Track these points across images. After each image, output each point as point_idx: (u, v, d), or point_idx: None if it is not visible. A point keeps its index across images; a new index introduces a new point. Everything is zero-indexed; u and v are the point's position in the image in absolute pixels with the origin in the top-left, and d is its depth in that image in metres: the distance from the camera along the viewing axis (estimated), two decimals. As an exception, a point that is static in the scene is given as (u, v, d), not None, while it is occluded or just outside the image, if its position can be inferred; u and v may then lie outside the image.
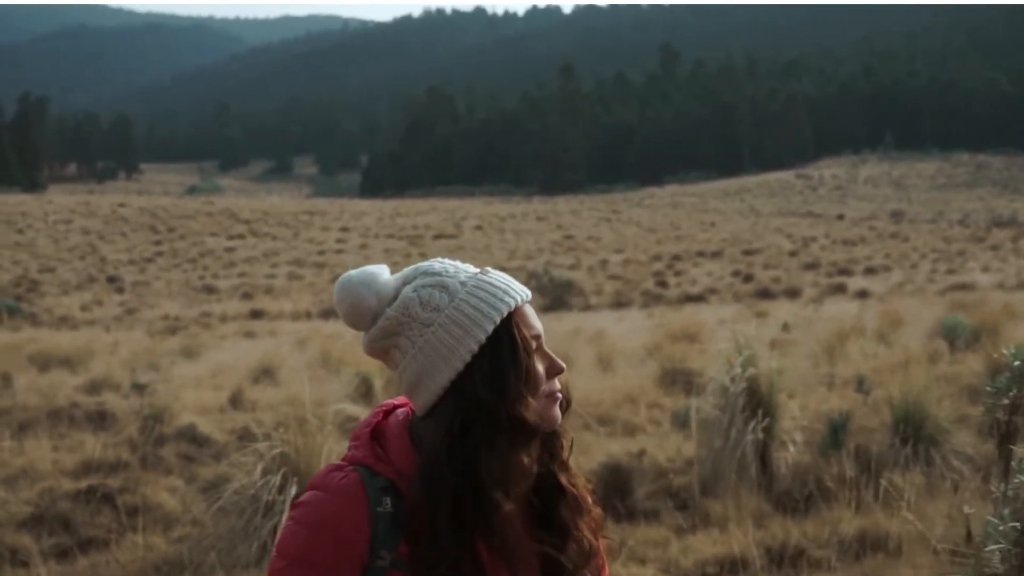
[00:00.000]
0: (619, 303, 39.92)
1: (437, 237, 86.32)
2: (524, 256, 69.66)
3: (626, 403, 12.30)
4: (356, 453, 2.25)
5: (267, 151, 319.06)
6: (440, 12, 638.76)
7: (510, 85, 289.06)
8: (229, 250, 75.26)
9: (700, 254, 68.20)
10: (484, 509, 2.13)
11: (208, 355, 22.38)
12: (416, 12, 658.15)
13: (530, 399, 2.17)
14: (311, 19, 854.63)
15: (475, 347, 2.15)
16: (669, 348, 15.38)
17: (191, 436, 10.40)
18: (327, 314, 37.97)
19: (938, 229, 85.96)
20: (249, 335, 30.11)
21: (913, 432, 7.66)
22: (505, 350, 2.17)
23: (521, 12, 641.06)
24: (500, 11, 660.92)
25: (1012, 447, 3.57)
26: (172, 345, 25.33)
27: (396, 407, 2.34)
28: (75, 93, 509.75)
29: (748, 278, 50.94)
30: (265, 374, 16.35)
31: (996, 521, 3.41)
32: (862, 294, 39.49)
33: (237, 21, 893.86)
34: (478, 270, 2.26)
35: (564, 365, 2.26)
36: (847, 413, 8.55)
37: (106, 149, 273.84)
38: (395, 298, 2.22)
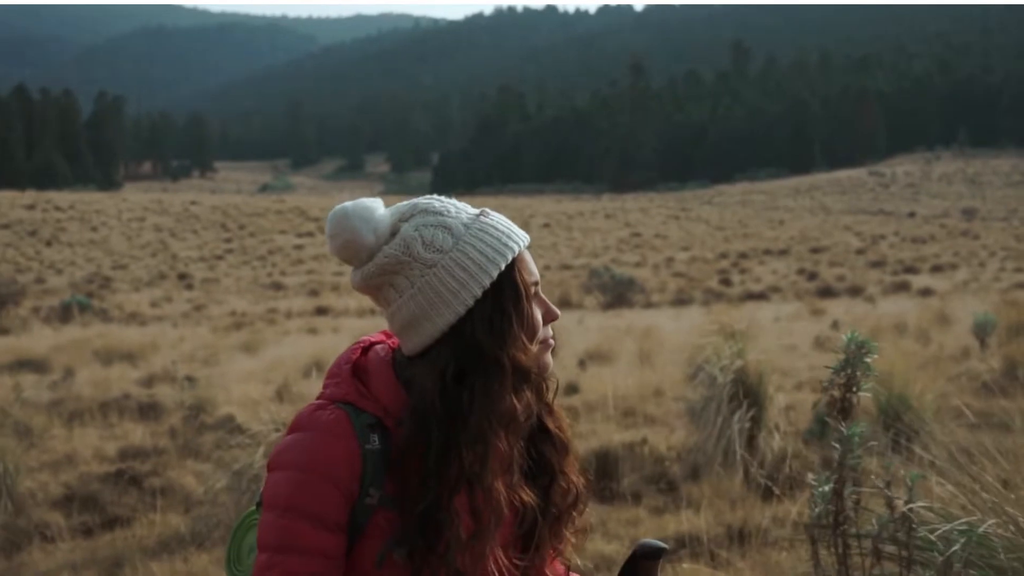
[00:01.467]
0: (680, 300, 39.91)
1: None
2: (590, 254, 69.79)
3: (653, 396, 12.51)
4: (336, 391, 2.22)
5: (339, 149, 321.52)
6: (511, 10, 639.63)
7: (581, 83, 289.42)
8: (298, 247, 76.00)
9: (767, 252, 67.96)
10: (477, 453, 2.12)
11: (267, 350, 22.74)
12: (487, 10, 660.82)
13: (528, 345, 2.17)
14: (383, 18, 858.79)
15: (479, 292, 2.14)
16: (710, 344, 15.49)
17: (230, 426, 10.76)
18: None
19: (1010, 227, 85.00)
20: (312, 331, 30.44)
21: (893, 422, 7.92)
22: (508, 296, 2.16)
23: (593, 10, 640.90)
24: (571, 9, 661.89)
25: (845, 422, 3.94)
26: (234, 340, 25.74)
27: (373, 344, 2.32)
28: (151, 92, 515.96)
29: (812, 276, 50.76)
30: (317, 368, 16.64)
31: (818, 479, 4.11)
32: (925, 292, 39.26)
33: (310, 20, 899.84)
34: (477, 211, 2.25)
35: (559, 312, 2.27)
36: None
37: (181, 148, 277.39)
38: (392, 235, 2.21)
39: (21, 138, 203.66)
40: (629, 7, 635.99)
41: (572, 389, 13.13)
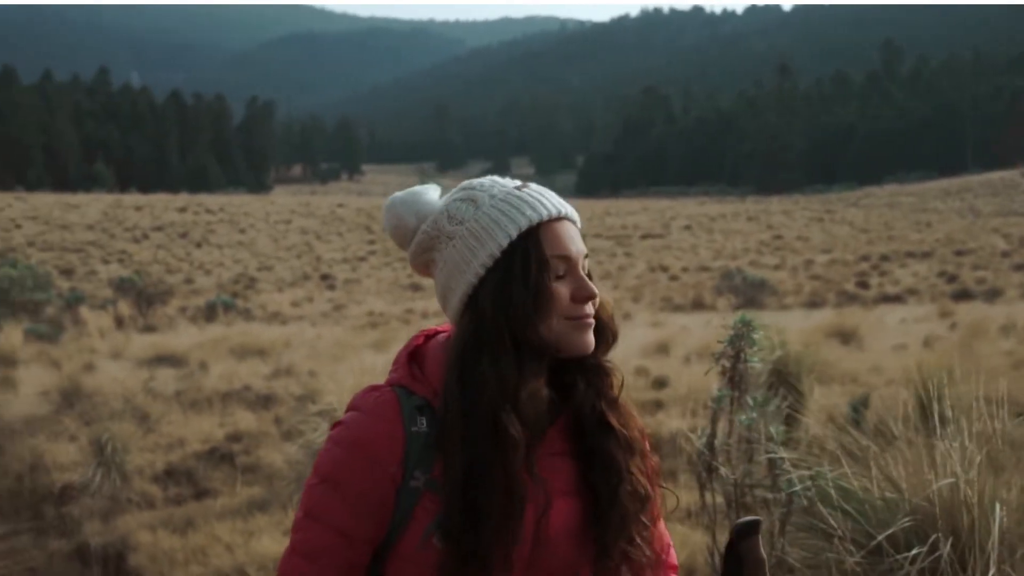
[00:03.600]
0: (813, 303, 39.72)
1: (644, 237, 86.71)
2: (729, 256, 69.54)
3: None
4: (393, 376, 2.25)
5: (485, 152, 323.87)
6: (657, 11, 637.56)
7: (727, 84, 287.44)
8: (439, 249, 77.04)
9: (909, 255, 66.97)
10: (485, 430, 2.09)
11: (395, 348, 23.38)
12: (633, 12, 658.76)
13: (539, 320, 2.11)
14: (529, 20, 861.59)
15: (488, 261, 2.14)
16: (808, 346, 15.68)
17: (331, 414, 11.35)
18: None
19: None
20: (442, 330, 31.04)
21: (926, 409, 8.13)
22: (516, 265, 2.13)
23: (740, 10, 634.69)
24: (718, 9, 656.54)
25: (739, 390, 4.42)
26: (367, 339, 26.43)
27: (437, 332, 2.32)
28: (301, 96, 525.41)
29: (952, 279, 49.99)
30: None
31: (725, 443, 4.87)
32: (1068, 295, 38.57)
33: (457, 24, 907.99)
34: (517, 184, 2.25)
35: (594, 291, 2.18)
36: (868, 393, 8.98)
37: (330, 151, 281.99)
38: None
39: (176, 142, 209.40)
40: (777, 7, 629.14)
41: (661, 383, 13.50)
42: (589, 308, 2.18)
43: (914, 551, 4.13)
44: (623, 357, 16.39)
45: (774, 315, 32.74)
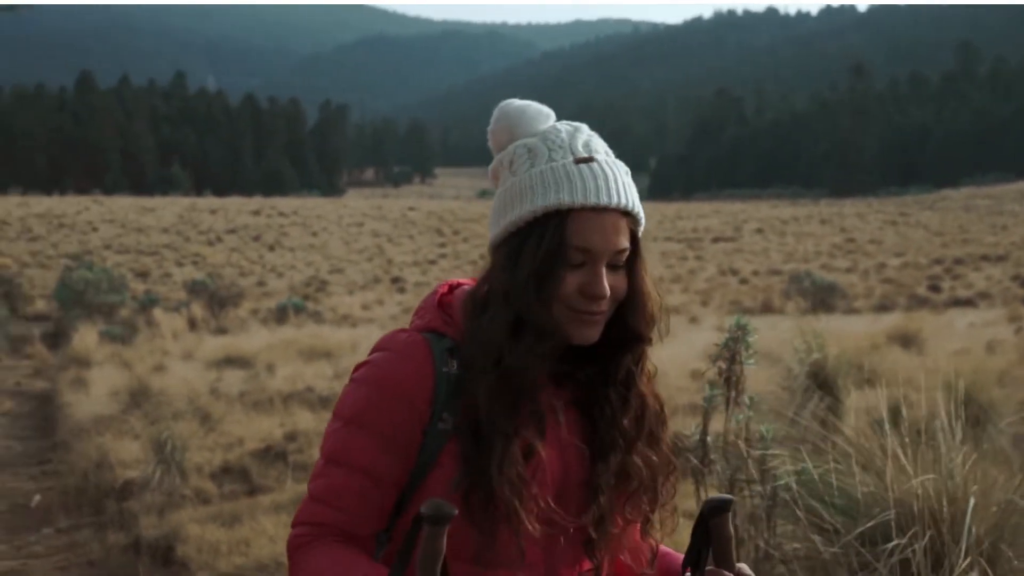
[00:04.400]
0: (882, 307, 39.47)
1: (716, 240, 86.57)
2: (801, 259, 69.24)
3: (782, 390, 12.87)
4: (420, 322, 2.21)
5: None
6: (731, 13, 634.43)
7: (800, 86, 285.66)
8: (507, 251, 77.36)
9: (984, 258, 66.32)
10: (482, 384, 2.07)
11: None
12: (707, 13, 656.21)
13: (537, 300, 2.07)
14: (602, 23, 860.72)
15: (515, 224, 2.12)
16: (870, 348, 15.67)
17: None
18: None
19: None
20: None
21: (962, 413, 8.19)
22: (532, 243, 2.09)
23: (814, 11, 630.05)
24: (792, 11, 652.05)
25: (735, 390, 4.59)
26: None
27: (461, 284, 2.29)
28: (374, 100, 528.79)
29: (1026, 282, 49.52)
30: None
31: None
32: None
33: (529, 27, 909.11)
34: (585, 152, 2.18)
35: (604, 292, 2.09)
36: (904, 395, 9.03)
37: (402, 154, 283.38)
38: None
39: (250, 145, 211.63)
40: (852, 8, 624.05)
41: (713, 385, 13.54)
42: (599, 305, 2.11)
43: (892, 543, 4.30)
44: (684, 359, 16.51)
45: (841, 319, 32.72)
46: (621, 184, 2.17)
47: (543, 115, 2.26)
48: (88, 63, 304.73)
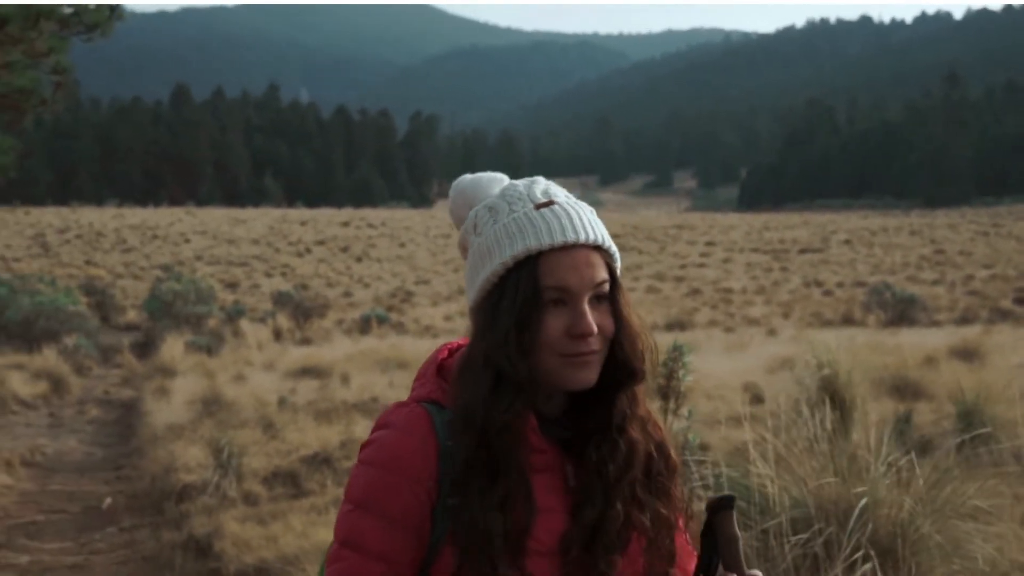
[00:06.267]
0: (964, 319, 39.21)
1: (802, 251, 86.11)
2: (888, 271, 68.70)
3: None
4: (421, 391, 2.17)
5: (647, 165, 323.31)
6: (824, 22, 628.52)
7: (894, 94, 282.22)
8: (593, 263, 77.49)
9: (1076, 270, 65.46)
10: (464, 445, 2.06)
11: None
12: (799, 22, 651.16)
13: (520, 352, 2.04)
14: (693, 32, 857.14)
15: (490, 281, 2.10)
16: (926, 364, 15.80)
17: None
18: (672, 326, 38.89)
19: None
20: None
21: (968, 428, 8.46)
22: (508, 294, 2.06)
23: (909, 19, 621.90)
24: (887, 19, 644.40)
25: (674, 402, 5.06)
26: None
27: (460, 346, 2.24)
28: (465, 111, 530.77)
29: (1118, 296, 48.83)
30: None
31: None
32: None
33: (621, 37, 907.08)
34: (544, 198, 2.15)
35: (590, 328, 2.05)
36: (911, 409, 9.30)
37: (492, 165, 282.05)
38: None
39: (341, 157, 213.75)
40: (948, 15, 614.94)
41: (759, 399, 13.81)
42: (589, 344, 2.07)
43: (795, 537, 4.77)
44: (742, 369, 16.77)
45: (919, 332, 32.59)
46: (587, 221, 2.13)
47: (496, 180, 2.29)
48: (184, 74, 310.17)
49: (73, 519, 10.76)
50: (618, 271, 2.17)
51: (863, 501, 4.81)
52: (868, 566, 4.60)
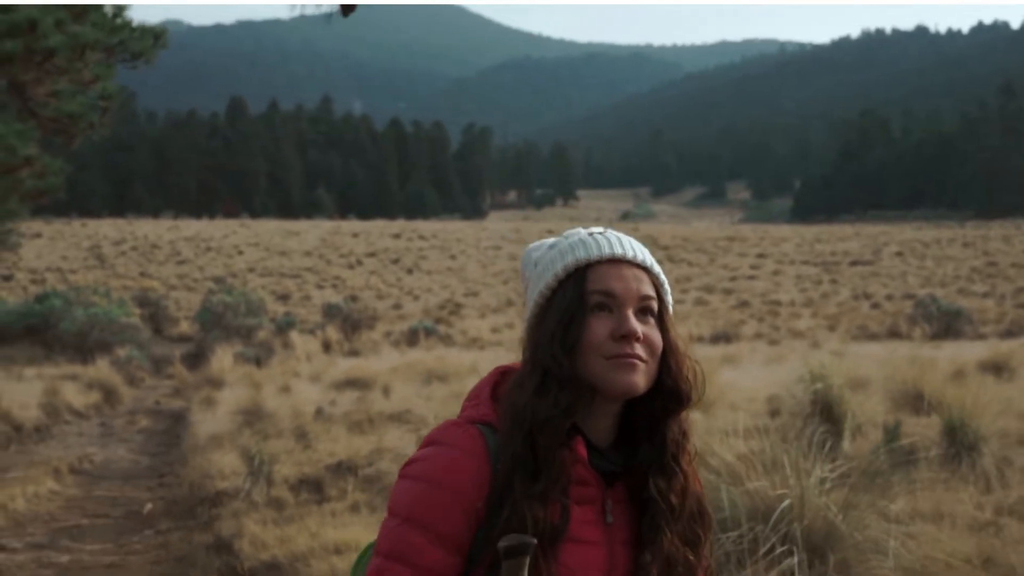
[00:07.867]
0: (1010, 333, 39.12)
1: (853, 263, 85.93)
2: (938, 283, 68.48)
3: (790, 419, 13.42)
4: (474, 412, 2.17)
5: (700, 176, 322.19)
6: (879, 32, 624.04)
7: (948, 106, 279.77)
8: (644, 275, 77.64)
9: None
10: (506, 456, 2.08)
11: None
12: (855, 33, 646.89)
13: (567, 351, 2.10)
14: (747, 44, 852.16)
15: (542, 297, 2.19)
16: (954, 378, 15.89)
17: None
18: (717, 339, 39.10)
19: None
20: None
21: (954, 440, 8.75)
22: (556, 301, 2.15)
23: (965, 30, 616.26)
24: (943, 29, 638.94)
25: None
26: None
27: (512, 369, 2.25)
28: (518, 123, 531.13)
29: None
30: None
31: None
32: None
33: (674, 48, 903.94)
34: (600, 230, 2.26)
35: (634, 329, 2.12)
36: (901, 420, 9.58)
37: (545, 176, 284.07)
38: None
39: (395, 169, 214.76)
40: (1005, 25, 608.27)
41: (776, 413, 14.05)
42: (634, 347, 2.12)
43: (731, 533, 5.21)
44: (770, 380, 16.98)
45: (962, 345, 32.51)
46: (637, 245, 2.24)
47: (545, 241, 2.35)
48: (239, 87, 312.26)
49: (114, 523, 11.30)
50: (667, 298, 2.25)
51: (785, 502, 5.22)
52: (791, 560, 5.04)
